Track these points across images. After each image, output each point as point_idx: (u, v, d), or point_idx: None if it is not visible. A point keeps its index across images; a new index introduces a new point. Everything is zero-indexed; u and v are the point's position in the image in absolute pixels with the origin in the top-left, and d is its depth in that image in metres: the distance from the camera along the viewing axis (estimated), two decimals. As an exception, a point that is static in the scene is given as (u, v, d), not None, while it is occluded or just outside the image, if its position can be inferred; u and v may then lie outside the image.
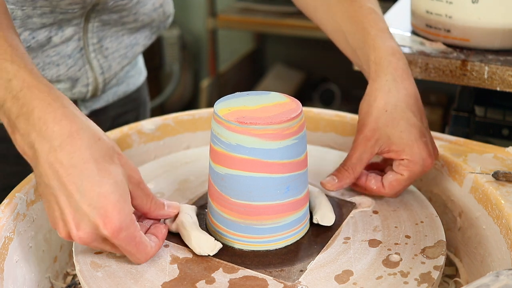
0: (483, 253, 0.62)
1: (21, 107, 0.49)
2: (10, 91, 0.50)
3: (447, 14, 0.86)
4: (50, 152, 0.48)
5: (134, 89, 0.95)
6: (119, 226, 0.48)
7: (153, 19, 0.85)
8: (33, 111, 0.49)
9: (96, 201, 0.48)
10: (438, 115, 2.25)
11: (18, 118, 0.50)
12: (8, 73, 0.51)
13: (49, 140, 0.48)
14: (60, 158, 0.48)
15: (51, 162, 0.48)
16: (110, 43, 0.81)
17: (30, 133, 0.49)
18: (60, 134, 0.48)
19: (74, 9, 0.72)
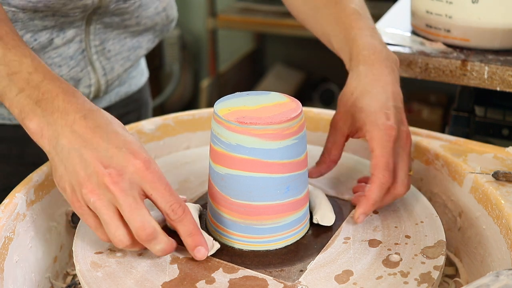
0: (483, 253, 0.62)
1: (44, 94, 0.54)
2: (30, 81, 0.54)
3: (447, 14, 0.86)
4: (74, 123, 0.52)
5: (136, 90, 0.95)
6: (148, 158, 0.51)
7: (156, 22, 0.85)
8: (57, 96, 0.53)
9: (123, 144, 0.51)
10: (438, 115, 2.25)
11: (40, 102, 0.53)
12: (28, 67, 0.55)
13: (73, 114, 0.52)
14: (84, 124, 0.52)
15: (75, 130, 0.52)
16: (113, 45, 0.81)
17: (54, 112, 0.53)
18: (83, 109, 0.53)
19: (75, 12, 0.72)
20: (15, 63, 0.55)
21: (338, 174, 0.70)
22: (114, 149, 0.51)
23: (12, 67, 0.55)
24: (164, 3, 0.85)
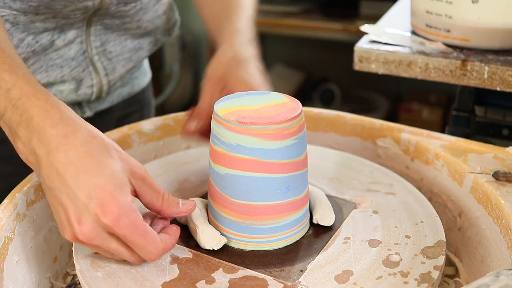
0: (483, 253, 0.62)
1: (21, 115, 0.51)
2: (10, 100, 0.52)
3: (447, 14, 0.86)
4: (49, 154, 0.50)
5: (138, 90, 0.95)
6: (118, 212, 0.48)
7: (157, 26, 0.85)
8: (32, 118, 0.51)
9: (92, 192, 0.48)
10: (438, 115, 2.25)
11: (19, 126, 0.51)
12: (7, 83, 0.53)
13: (47, 143, 0.50)
14: (57, 157, 0.49)
15: (50, 163, 0.49)
16: (114, 46, 0.81)
17: (31, 139, 0.51)
18: (57, 136, 0.50)
19: (76, 14, 0.72)
20: None
21: (338, 174, 0.70)
22: (84, 198, 0.48)
23: None
24: (163, 7, 0.85)
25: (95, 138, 0.51)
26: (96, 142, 0.51)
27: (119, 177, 0.50)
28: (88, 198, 0.48)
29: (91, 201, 0.48)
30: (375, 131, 0.78)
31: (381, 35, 0.91)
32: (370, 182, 0.68)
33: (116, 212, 0.48)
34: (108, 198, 0.48)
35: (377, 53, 0.87)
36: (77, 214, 0.48)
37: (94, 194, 0.48)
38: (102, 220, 0.48)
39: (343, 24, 2.03)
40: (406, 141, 0.75)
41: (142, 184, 0.52)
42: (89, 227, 0.48)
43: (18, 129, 0.52)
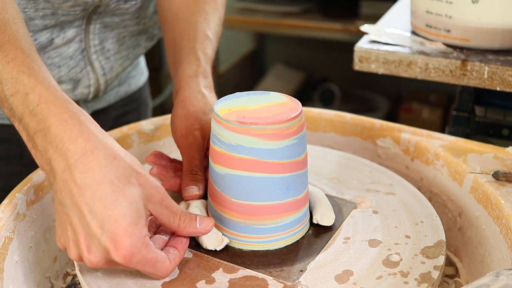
0: (483, 253, 0.62)
1: (38, 123, 0.49)
2: (27, 105, 0.49)
3: (447, 14, 0.86)
4: (64, 170, 0.47)
5: (135, 90, 0.95)
6: (131, 251, 0.47)
7: (154, 22, 0.85)
8: (49, 128, 0.48)
9: (107, 224, 0.46)
10: (438, 115, 2.25)
11: (36, 134, 0.49)
12: (25, 87, 0.50)
13: (64, 158, 0.47)
14: (73, 176, 0.47)
15: (65, 180, 0.47)
16: (112, 44, 0.81)
17: (47, 149, 0.48)
18: (75, 152, 0.47)
19: (76, 11, 0.72)
20: (13, 81, 0.50)
21: (338, 174, 0.70)
22: (97, 228, 0.46)
23: (11, 87, 0.50)
24: None
25: (115, 159, 0.48)
26: (116, 164, 0.48)
27: (135, 209, 0.47)
28: (101, 230, 0.46)
29: (104, 234, 0.46)
30: (375, 131, 0.78)
31: (381, 35, 0.91)
32: (370, 182, 0.68)
33: (128, 251, 0.47)
34: (122, 234, 0.46)
35: (377, 53, 0.87)
36: (88, 242, 0.47)
37: (108, 227, 0.46)
38: (112, 257, 0.47)
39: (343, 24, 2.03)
40: (406, 141, 0.75)
41: (159, 207, 0.50)
42: (98, 258, 0.47)
43: (35, 137, 0.49)
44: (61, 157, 0.48)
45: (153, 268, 0.49)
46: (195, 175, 0.61)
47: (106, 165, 0.47)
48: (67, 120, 0.49)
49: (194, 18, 0.73)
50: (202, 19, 0.73)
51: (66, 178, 0.47)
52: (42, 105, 0.49)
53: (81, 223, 0.47)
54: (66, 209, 0.48)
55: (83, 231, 0.47)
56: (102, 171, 0.47)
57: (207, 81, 0.67)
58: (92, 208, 0.46)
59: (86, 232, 0.47)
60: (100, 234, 0.46)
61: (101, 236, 0.46)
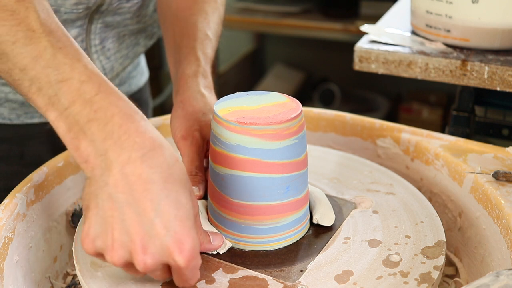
0: (483, 253, 0.62)
1: (96, 112, 0.46)
2: (82, 93, 0.46)
3: (447, 14, 0.86)
4: (128, 163, 0.44)
5: (136, 90, 0.95)
6: (192, 254, 0.45)
7: (154, 20, 0.85)
8: (112, 117, 0.46)
9: (173, 224, 0.44)
10: (438, 115, 2.25)
11: (90, 123, 0.45)
12: (81, 74, 0.47)
13: (129, 151, 0.45)
14: (139, 171, 0.44)
15: (126, 173, 0.44)
16: (112, 43, 0.81)
17: (106, 139, 0.45)
18: (142, 146, 0.45)
19: (79, 9, 0.72)
20: (66, 67, 0.47)
21: (338, 174, 0.70)
22: (160, 228, 0.44)
23: (63, 72, 0.46)
24: None
25: (177, 162, 0.47)
26: (179, 166, 0.47)
27: (194, 214, 0.47)
28: (165, 229, 0.44)
29: (168, 234, 0.44)
30: (375, 131, 0.78)
31: (381, 35, 0.91)
32: (370, 182, 0.68)
33: (191, 253, 0.45)
34: (186, 236, 0.45)
35: (377, 53, 0.87)
36: (145, 242, 0.44)
37: (173, 227, 0.44)
38: (174, 258, 0.45)
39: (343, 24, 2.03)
40: (406, 141, 0.75)
41: None
42: (155, 258, 0.45)
43: (89, 125, 0.45)
44: (124, 149, 0.45)
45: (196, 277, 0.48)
46: (195, 176, 0.61)
47: (172, 165, 0.46)
48: (131, 114, 0.47)
49: (193, 18, 0.73)
50: (201, 18, 0.73)
51: (128, 172, 0.44)
52: (102, 94, 0.46)
53: (141, 222, 0.44)
54: (120, 205, 0.44)
55: (141, 230, 0.44)
56: (169, 169, 0.45)
57: (206, 81, 0.67)
58: (158, 206, 0.44)
59: (145, 231, 0.44)
60: (163, 234, 0.44)
61: (164, 236, 0.44)
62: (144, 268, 0.45)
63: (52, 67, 0.46)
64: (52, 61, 0.46)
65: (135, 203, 0.44)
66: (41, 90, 0.47)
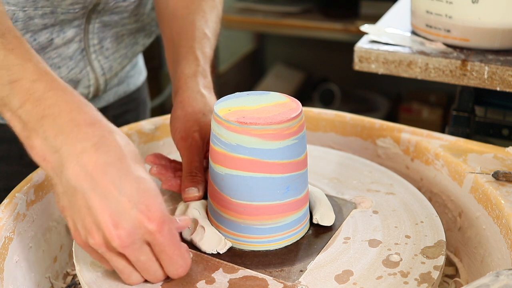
0: (483, 253, 0.62)
1: (46, 109, 0.48)
2: (33, 92, 0.48)
3: (447, 14, 0.86)
4: (82, 153, 0.46)
5: (134, 89, 0.95)
6: (163, 218, 0.46)
7: (152, 18, 0.85)
8: (61, 113, 0.47)
9: (136, 197, 0.46)
10: (438, 115, 2.25)
11: (42, 120, 0.47)
12: (32, 74, 0.49)
13: (81, 142, 0.46)
14: (94, 158, 0.46)
15: (83, 163, 0.46)
16: (110, 43, 0.81)
17: (57, 135, 0.47)
18: (93, 135, 0.47)
19: (75, 9, 0.72)
20: (17, 67, 0.49)
21: (338, 174, 0.70)
22: (126, 202, 0.45)
23: (14, 73, 0.49)
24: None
25: (129, 143, 0.49)
26: (131, 146, 0.49)
27: (155, 185, 0.48)
28: (131, 203, 0.45)
29: (134, 206, 0.45)
30: (375, 131, 0.78)
31: (381, 35, 0.91)
32: (370, 182, 0.68)
33: (161, 218, 0.46)
34: (153, 203, 0.46)
35: (377, 53, 0.87)
36: (115, 218, 0.45)
37: (139, 199, 0.46)
38: (146, 226, 0.46)
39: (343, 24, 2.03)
40: (406, 141, 0.75)
41: None
42: (128, 231, 0.45)
43: (41, 123, 0.47)
44: (77, 141, 0.46)
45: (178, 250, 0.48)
46: (194, 177, 0.61)
47: (125, 145, 0.48)
48: (80, 107, 0.48)
49: (191, 17, 0.73)
50: (199, 17, 0.73)
51: (84, 162, 0.46)
52: (52, 91, 0.49)
53: (107, 203, 0.45)
54: (84, 192, 0.46)
55: (108, 209, 0.45)
56: (123, 150, 0.47)
57: (206, 81, 0.67)
58: (120, 185, 0.46)
59: (113, 209, 0.45)
60: (130, 208, 0.45)
61: (131, 209, 0.45)
62: (121, 243, 0.46)
63: (5, 69, 0.49)
64: (4, 62, 0.49)
65: (98, 187, 0.45)
66: None
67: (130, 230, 0.46)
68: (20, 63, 0.49)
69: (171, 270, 0.50)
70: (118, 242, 0.46)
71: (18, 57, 0.50)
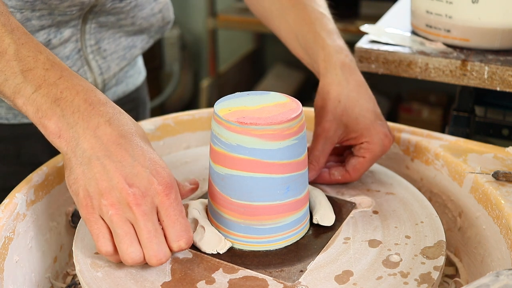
0: (483, 253, 0.62)
1: (62, 92, 0.52)
2: (47, 79, 0.52)
3: (447, 14, 0.86)
4: (98, 127, 0.51)
5: (133, 89, 0.95)
6: (171, 183, 0.51)
7: (151, 24, 0.85)
8: (77, 95, 0.52)
9: (148, 164, 0.51)
10: (438, 115, 2.25)
11: (58, 101, 0.51)
12: (44, 64, 0.53)
13: (96, 118, 0.51)
14: (108, 131, 0.51)
15: (99, 135, 0.50)
16: (108, 44, 0.81)
17: (74, 113, 0.51)
18: (107, 112, 0.52)
19: (72, 11, 0.72)
20: (29, 59, 0.52)
21: (338, 174, 0.70)
22: (139, 167, 0.50)
23: (27, 63, 0.52)
24: (160, 5, 0.85)
25: (138, 124, 0.55)
26: (140, 127, 0.54)
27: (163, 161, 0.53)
28: (144, 167, 0.50)
29: (147, 169, 0.50)
30: (375, 131, 0.78)
31: (381, 35, 0.91)
32: (370, 182, 0.68)
33: (169, 183, 0.51)
34: (162, 170, 0.51)
35: (377, 53, 0.87)
36: (130, 179, 0.49)
37: (150, 165, 0.50)
38: (156, 187, 0.50)
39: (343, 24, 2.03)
40: (406, 141, 0.75)
41: None
42: (141, 190, 0.49)
43: (57, 103, 0.51)
44: (93, 117, 0.51)
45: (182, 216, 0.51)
46: (308, 164, 0.63)
47: (134, 125, 0.53)
48: (93, 90, 0.53)
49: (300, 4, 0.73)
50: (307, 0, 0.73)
51: (100, 134, 0.50)
52: (65, 77, 0.52)
53: (122, 167, 0.50)
54: (101, 161, 0.50)
55: (124, 172, 0.49)
56: (133, 128, 0.53)
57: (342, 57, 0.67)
58: (133, 153, 0.51)
59: (127, 172, 0.50)
60: (143, 171, 0.50)
61: (144, 171, 0.50)
62: (135, 199, 0.49)
63: (17, 60, 0.52)
64: (16, 55, 0.52)
65: (113, 155, 0.50)
66: (7, 80, 0.52)
67: (143, 190, 0.49)
68: (32, 55, 0.53)
69: (174, 237, 0.51)
70: (133, 198, 0.49)
71: (30, 50, 0.53)
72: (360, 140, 0.65)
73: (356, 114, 0.65)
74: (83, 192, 0.50)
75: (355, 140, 0.66)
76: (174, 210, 0.51)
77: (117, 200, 0.49)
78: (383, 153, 0.66)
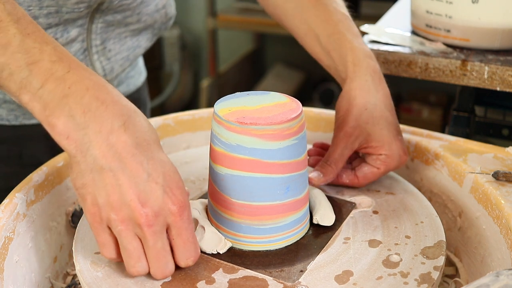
0: (483, 253, 0.62)
1: (70, 87, 0.47)
2: (54, 72, 0.48)
3: (447, 14, 0.86)
4: (111, 132, 0.47)
5: (134, 90, 0.95)
6: (184, 202, 0.48)
7: (155, 20, 0.85)
8: (87, 90, 0.47)
9: (162, 179, 0.48)
10: (438, 115, 2.25)
11: (66, 98, 0.47)
12: (51, 56, 0.48)
13: (110, 120, 0.47)
14: (123, 138, 0.47)
15: (112, 143, 0.47)
16: (113, 44, 0.81)
17: (85, 112, 0.47)
18: (121, 114, 0.48)
19: (80, 8, 0.72)
20: (35, 50, 0.48)
21: (338, 174, 0.70)
22: (153, 184, 0.47)
23: (33, 55, 0.48)
24: (164, 1, 0.85)
25: (150, 124, 0.50)
26: (152, 129, 0.50)
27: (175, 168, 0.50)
28: (158, 185, 0.47)
29: (161, 187, 0.47)
30: (375, 131, 0.78)
31: (381, 35, 0.91)
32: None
33: (183, 202, 0.48)
34: (176, 187, 0.48)
35: (377, 53, 0.87)
36: (143, 197, 0.47)
37: (163, 181, 0.48)
38: (170, 207, 0.48)
39: (343, 24, 2.03)
40: (406, 141, 0.75)
41: None
42: (154, 210, 0.47)
43: (65, 101, 0.47)
44: (105, 120, 0.47)
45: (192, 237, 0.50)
46: (327, 166, 0.64)
47: (148, 128, 0.49)
48: (103, 85, 0.49)
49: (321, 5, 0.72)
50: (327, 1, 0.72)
51: (114, 141, 0.47)
52: (73, 70, 0.48)
53: (136, 183, 0.47)
54: (114, 172, 0.47)
55: (137, 190, 0.47)
56: (147, 133, 0.49)
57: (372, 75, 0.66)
58: (147, 167, 0.47)
59: (141, 190, 0.47)
60: (157, 189, 0.47)
61: (158, 190, 0.47)
62: (147, 220, 0.47)
63: (22, 52, 0.48)
64: (21, 46, 0.48)
65: (126, 168, 0.47)
66: (12, 75, 0.48)
67: (157, 210, 0.47)
68: (38, 46, 0.49)
69: (183, 256, 0.51)
70: (145, 219, 0.47)
71: (36, 41, 0.49)
72: (379, 151, 0.65)
73: (381, 126, 0.64)
74: (91, 200, 0.48)
75: (374, 149, 0.65)
76: (186, 230, 0.49)
77: (128, 217, 0.47)
78: (396, 169, 0.66)
